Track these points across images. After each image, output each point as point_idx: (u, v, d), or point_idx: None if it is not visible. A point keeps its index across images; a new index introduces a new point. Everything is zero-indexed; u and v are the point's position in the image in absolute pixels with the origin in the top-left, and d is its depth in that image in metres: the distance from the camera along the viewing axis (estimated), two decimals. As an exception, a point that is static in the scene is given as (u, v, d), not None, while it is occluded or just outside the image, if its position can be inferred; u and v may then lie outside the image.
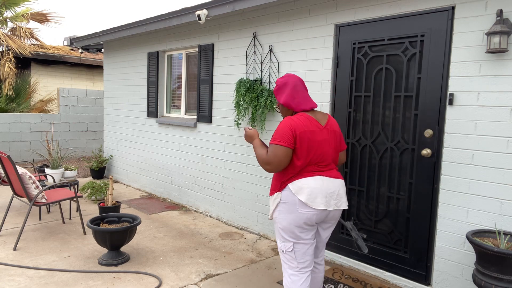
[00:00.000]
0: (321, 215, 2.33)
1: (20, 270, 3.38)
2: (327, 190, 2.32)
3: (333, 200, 2.35)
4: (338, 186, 2.39)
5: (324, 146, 2.35)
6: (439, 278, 3.11)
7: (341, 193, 2.40)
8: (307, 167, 2.33)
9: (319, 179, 2.32)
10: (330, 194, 2.34)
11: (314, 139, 2.32)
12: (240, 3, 4.13)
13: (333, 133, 2.42)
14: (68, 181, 5.24)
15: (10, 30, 9.97)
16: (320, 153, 2.34)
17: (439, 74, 3.07)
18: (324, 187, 2.32)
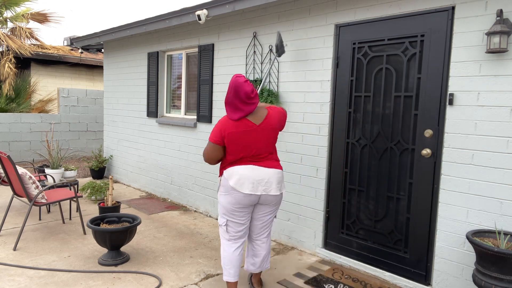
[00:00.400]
0: (251, 198, 2.77)
1: (20, 270, 3.38)
2: (256, 177, 2.74)
3: (261, 186, 2.75)
4: (268, 174, 2.77)
5: (258, 143, 2.74)
6: (439, 278, 3.11)
7: (271, 180, 2.78)
8: (242, 160, 2.77)
9: (250, 167, 2.75)
10: (258, 181, 2.74)
11: (244, 139, 2.72)
12: (240, 3, 4.13)
13: (271, 130, 2.77)
14: (68, 181, 5.24)
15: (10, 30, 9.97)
16: (254, 148, 2.74)
17: (439, 74, 3.07)
18: (253, 175, 2.74)
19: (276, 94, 4.20)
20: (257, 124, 2.74)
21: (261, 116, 2.77)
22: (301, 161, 4.05)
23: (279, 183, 2.84)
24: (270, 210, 2.94)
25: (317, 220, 3.93)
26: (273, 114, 2.81)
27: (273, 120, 2.79)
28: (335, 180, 3.81)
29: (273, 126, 2.79)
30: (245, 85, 2.68)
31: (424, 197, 3.20)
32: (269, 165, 2.80)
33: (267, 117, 2.77)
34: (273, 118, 2.80)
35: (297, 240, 4.12)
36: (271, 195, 2.82)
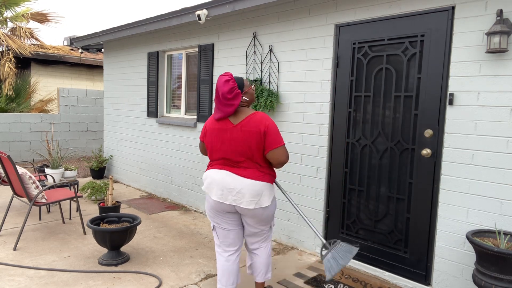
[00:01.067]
0: (222, 206, 2.59)
1: (20, 270, 3.38)
2: (226, 185, 2.53)
3: (231, 196, 2.52)
4: (241, 184, 2.51)
5: (234, 145, 2.53)
6: (439, 278, 3.11)
7: (244, 192, 2.50)
8: (218, 161, 2.61)
9: (223, 173, 2.56)
10: (229, 190, 2.53)
11: (220, 136, 2.57)
12: (240, 3, 4.13)
13: (247, 133, 2.51)
14: (68, 181, 5.24)
15: (10, 30, 9.97)
16: (229, 151, 2.54)
17: (439, 74, 3.07)
18: (224, 182, 2.54)
19: (276, 94, 4.20)
20: (233, 124, 2.56)
21: (241, 117, 2.57)
22: (301, 161, 4.05)
23: (256, 197, 2.51)
24: (254, 224, 2.68)
25: (317, 220, 3.93)
26: (258, 117, 2.54)
27: (255, 121, 2.52)
28: (335, 180, 3.81)
29: (252, 129, 2.50)
30: (223, 85, 2.51)
31: (424, 197, 3.20)
32: (246, 175, 2.53)
33: (246, 119, 2.54)
34: (256, 120, 2.52)
35: (297, 240, 4.12)
36: (244, 208, 2.55)
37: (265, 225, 2.71)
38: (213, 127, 2.62)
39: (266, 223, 2.70)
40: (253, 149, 2.52)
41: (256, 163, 2.56)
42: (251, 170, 2.54)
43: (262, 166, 2.57)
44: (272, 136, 2.52)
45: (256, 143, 2.51)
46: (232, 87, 2.50)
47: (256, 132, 2.50)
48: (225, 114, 2.55)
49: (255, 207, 2.53)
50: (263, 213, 2.60)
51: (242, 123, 2.53)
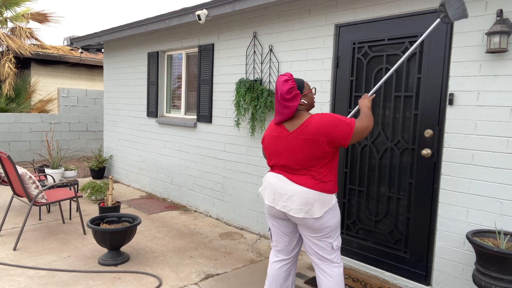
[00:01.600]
0: (275, 211, 2.50)
1: (20, 270, 3.38)
2: (278, 190, 2.43)
3: (282, 201, 2.41)
4: (291, 191, 2.37)
5: (289, 153, 2.38)
6: (439, 278, 3.11)
7: (293, 198, 2.35)
8: (273, 167, 2.53)
9: (278, 177, 2.46)
10: (280, 195, 2.42)
11: (275, 144, 2.46)
12: (240, 3, 4.13)
13: (304, 141, 2.32)
14: (68, 181, 5.24)
15: (10, 30, 9.97)
16: (285, 158, 2.41)
17: (439, 74, 3.07)
18: (277, 186, 2.44)
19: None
20: (289, 131, 2.39)
21: (296, 123, 2.38)
22: (301, 161, 4.04)
23: (305, 205, 2.33)
24: (308, 235, 2.47)
25: (317, 220, 3.93)
26: (314, 122, 2.32)
27: (310, 128, 2.32)
28: (335, 180, 3.80)
29: (308, 137, 2.31)
30: (283, 84, 2.35)
31: (424, 197, 3.20)
32: (298, 181, 2.37)
33: (302, 125, 2.35)
34: (312, 126, 2.32)
35: (297, 240, 4.12)
36: (294, 216, 2.39)
37: (321, 239, 2.44)
38: (270, 133, 2.50)
39: (322, 237, 2.43)
40: (312, 157, 2.33)
41: (313, 171, 2.36)
42: (305, 178, 2.37)
43: (320, 174, 2.36)
44: (338, 131, 2.30)
45: (316, 150, 2.32)
46: (291, 87, 2.35)
47: (314, 140, 2.30)
48: (283, 117, 2.39)
49: (304, 216, 2.35)
50: (315, 224, 2.38)
51: (298, 130, 2.35)
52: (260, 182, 4.47)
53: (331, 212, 2.39)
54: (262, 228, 4.48)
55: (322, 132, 2.30)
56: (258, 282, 3.32)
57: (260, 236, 4.48)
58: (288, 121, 2.42)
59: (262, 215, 4.48)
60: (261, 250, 4.05)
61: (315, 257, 2.52)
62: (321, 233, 2.42)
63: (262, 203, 4.46)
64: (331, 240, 2.45)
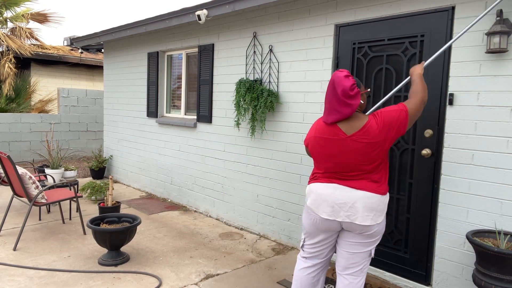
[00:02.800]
0: (330, 224, 2.29)
1: (20, 270, 3.38)
2: (336, 200, 2.24)
3: (344, 212, 2.22)
4: (352, 198, 2.20)
5: (346, 158, 2.20)
6: (439, 278, 3.11)
7: (356, 205, 2.19)
8: (325, 173, 2.31)
9: (332, 187, 2.26)
10: (340, 205, 2.23)
11: (328, 148, 2.25)
12: (240, 3, 4.13)
13: (364, 144, 2.16)
14: (68, 181, 5.24)
15: (10, 30, 9.97)
16: (340, 163, 2.23)
17: (439, 74, 3.07)
18: (333, 196, 2.25)
19: (276, 94, 4.20)
20: (346, 134, 2.20)
21: (355, 125, 2.20)
22: (301, 161, 4.05)
23: (370, 211, 2.19)
24: (357, 242, 2.30)
25: (317, 220, 3.93)
26: (375, 124, 2.17)
27: (373, 131, 2.16)
28: (335, 180, 3.80)
29: (371, 141, 2.15)
30: (344, 80, 2.17)
31: (424, 197, 3.20)
32: (358, 186, 2.21)
33: (363, 128, 2.17)
34: (373, 129, 2.16)
35: (297, 240, 4.12)
36: (358, 225, 2.22)
37: (369, 245, 2.31)
38: (319, 135, 2.29)
39: (370, 244, 2.31)
40: (372, 160, 2.19)
41: (372, 174, 2.23)
42: (364, 181, 2.21)
43: (376, 175, 2.23)
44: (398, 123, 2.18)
45: (378, 152, 2.19)
46: (353, 83, 2.17)
47: (378, 143, 2.17)
48: (341, 116, 2.19)
49: (370, 224, 2.21)
50: (375, 230, 2.26)
51: (359, 134, 2.17)
52: (260, 182, 4.47)
53: (383, 218, 2.29)
54: (262, 228, 4.48)
55: (386, 131, 2.17)
56: (258, 282, 3.32)
57: (260, 236, 4.48)
58: (344, 122, 2.22)
59: (262, 215, 4.48)
60: (261, 250, 4.05)
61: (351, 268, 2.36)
62: (372, 239, 2.29)
63: (262, 203, 4.46)
64: (373, 246, 2.33)
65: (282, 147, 4.22)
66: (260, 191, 4.48)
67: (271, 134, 4.33)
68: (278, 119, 4.25)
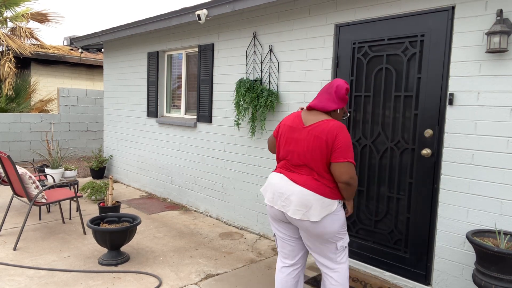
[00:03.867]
0: (274, 211, 2.45)
1: (20, 270, 3.38)
2: (278, 189, 2.39)
3: (280, 201, 2.37)
4: (292, 192, 2.31)
5: (296, 145, 2.36)
6: (439, 278, 3.11)
7: (291, 198, 2.31)
8: (281, 162, 2.47)
9: (280, 177, 2.42)
10: (279, 194, 2.38)
11: (289, 134, 2.42)
12: (240, 3, 4.13)
13: (314, 137, 2.30)
14: (68, 181, 5.24)
15: (10, 30, 9.97)
16: (291, 149, 2.39)
17: (439, 74, 3.07)
18: (277, 185, 2.40)
19: (276, 94, 4.20)
20: (304, 125, 2.38)
21: (313, 119, 2.37)
22: (301, 161, 4.04)
23: (302, 207, 2.28)
24: (307, 239, 2.42)
25: (317, 220, 3.93)
26: (328, 126, 2.30)
27: (323, 129, 2.29)
28: (335, 180, 3.80)
29: (319, 135, 2.29)
30: (344, 83, 2.40)
31: (424, 197, 3.20)
32: (298, 181, 2.33)
33: (318, 123, 2.33)
34: (325, 128, 2.29)
35: (297, 240, 4.12)
36: (291, 217, 2.35)
37: (321, 243, 2.38)
38: (287, 123, 2.47)
39: (322, 242, 2.37)
40: (315, 157, 2.30)
41: (315, 172, 2.32)
42: (305, 177, 2.32)
43: (321, 177, 2.31)
44: (339, 148, 2.27)
45: (321, 151, 2.28)
46: (347, 92, 2.42)
47: (323, 140, 2.28)
48: (320, 105, 2.39)
49: (301, 218, 2.29)
50: (315, 228, 2.30)
51: (312, 126, 2.34)
52: (260, 182, 4.48)
53: (331, 217, 2.30)
54: (262, 228, 4.48)
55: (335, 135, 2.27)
56: (258, 282, 3.32)
57: (260, 236, 4.48)
58: (310, 114, 2.41)
59: (262, 215, 4.48)
60: (261, 250, 4.05)
61: (320, 259, 2.45)
62: (319, 237, 2.35)
63: (262, 203, 4.46)
64: (334, 241, 2.38)
65: (282, 147, 4.21)
66: (260, 191, 4.49)
67: (271, 134, 4.33)
68: (278, 118, 4.25)
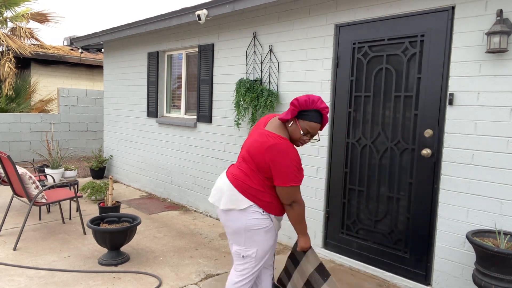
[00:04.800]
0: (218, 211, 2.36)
1: (20, 270, 3.38)
2: (217, 184, 2.38)
3: (217, 195, 2.33)
4: (224, 183, 2.29)
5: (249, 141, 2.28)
6: (439, 278, 3.11)
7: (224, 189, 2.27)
8: None
9: (225, 173, 2.39)
10: (217, 188, 2.35)
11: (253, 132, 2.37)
12: (240, 3, 4.13)
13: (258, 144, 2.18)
14: (68, 181, 5.24)
15: (10, 30, 9.96)
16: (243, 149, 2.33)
17: (439, 74, 3.07)
18: (219, 181, 2.37)
19: (276, 94, 4.20)
20: (262, 128, 2.29)
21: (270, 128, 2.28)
22: (301, 161, 4.04)
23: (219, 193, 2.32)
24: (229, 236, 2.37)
25: (317, 220, 3.93)
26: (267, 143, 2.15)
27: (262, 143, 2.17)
28: (335, 180, 3.81)
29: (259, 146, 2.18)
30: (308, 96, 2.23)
31: (424, 197, 3.20)
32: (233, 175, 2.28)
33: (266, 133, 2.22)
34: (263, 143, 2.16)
35: (297, 240, 4.12)
36: (219, 209, 2.32)
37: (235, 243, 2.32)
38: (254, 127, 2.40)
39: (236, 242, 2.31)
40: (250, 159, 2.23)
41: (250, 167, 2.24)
42: (240, 174, 2.26)
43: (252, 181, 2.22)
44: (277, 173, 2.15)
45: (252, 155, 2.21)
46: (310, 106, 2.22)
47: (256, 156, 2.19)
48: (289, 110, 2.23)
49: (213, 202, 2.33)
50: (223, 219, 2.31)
51: (263, 132, 2.23)
52: (260, 182, 4.47)
53: (236, 214, 2.23)
54: (262, 228, 4.47)
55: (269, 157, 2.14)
56: (258, 282, 3.32)
57: (260, 236, 4.47)
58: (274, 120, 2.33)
59: (262, 215, 4.47)
60: (261, 250, 4.05)
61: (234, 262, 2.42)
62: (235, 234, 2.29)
63: (262, 203, 4.46)
64: (237, 246, 2.31)
65: (282, 147, 4.21)
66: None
67: (271, 134, 4.32)
68: (278, 119, 4.24)
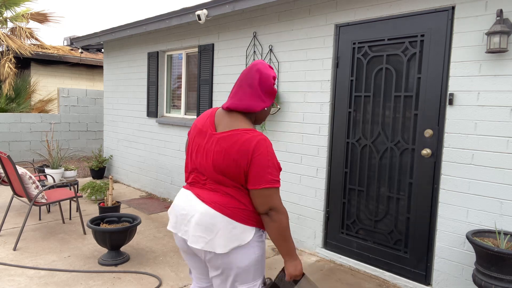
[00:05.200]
0: (181, 241, 1.85)
1: (20, 270, 3.38)
2: (180, 210, 1.80)
3: (183, 226, 1.78)
4: (194, 210, 1.75)
5: (205, 157, 1.76)
6: (439, 278, 3.11)
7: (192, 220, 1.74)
8: (191, 175, 1.85)
9: (185, 194, 1.84)
10: (182, 216, 1.79)
11: (198, 140, 1.82)
12: (240, 3, 4.13)
13: (223, 150, 1.70)
14: (68, 181, 5.24)
15: (10, 30, 9.97)
16: (199, 160, 1.79)
17: (439, 74, 3.07)
18: (181, 205, 1.81)
19: (276, 94, 4.19)
20: (215, 131, 1.77)
21: (227, 125, 1.76)
22: (301, 161, 4.05)
23: (205, 232, 1.71)
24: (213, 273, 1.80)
25: (317, 220, 3.93)
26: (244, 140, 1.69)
27: (236, 143, 1.69)
28: (335, 180, 3.81)
29: (230, 150, 1.69)
30: (268, 69, 1.78)
31: (424, 197, 3.20)
32: (206, 198, 1.74)
33: (231, 132, 1.72)
34: (238, 142, 1.69)
35: (297, 240, 4.12)
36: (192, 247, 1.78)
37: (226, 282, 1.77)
38: (198, 125, 1.86)
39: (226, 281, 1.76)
40: (224, 171, 1.72)
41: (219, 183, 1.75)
42: (213, 194, 1.75)
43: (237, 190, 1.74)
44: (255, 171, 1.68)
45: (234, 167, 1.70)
46: (274, 80, 1.80)
47: (231, 159, 1.69)
48: (240, 106, 1.76)
49: (202, 248, 1.71)
50: (217, 261, 1.73)
51: (223, 135, 1.73)
52: (260, 182, 4.47)
53: (242, 250, 1.71)
54: (262, 228, 4.47)
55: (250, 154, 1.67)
56: None
57: (260, 236, 4.47)
58: (224, 117, 1.79)
59: (262, 215, 4.47)
60: (261, 250, 4.05)
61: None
62: (225, 274, 1.75)
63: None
64: (243, 286, 1.76)
65: (282, 147, 4.22)
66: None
67: (271, 134, 4.33)
68: (278, 119, 4.25)
